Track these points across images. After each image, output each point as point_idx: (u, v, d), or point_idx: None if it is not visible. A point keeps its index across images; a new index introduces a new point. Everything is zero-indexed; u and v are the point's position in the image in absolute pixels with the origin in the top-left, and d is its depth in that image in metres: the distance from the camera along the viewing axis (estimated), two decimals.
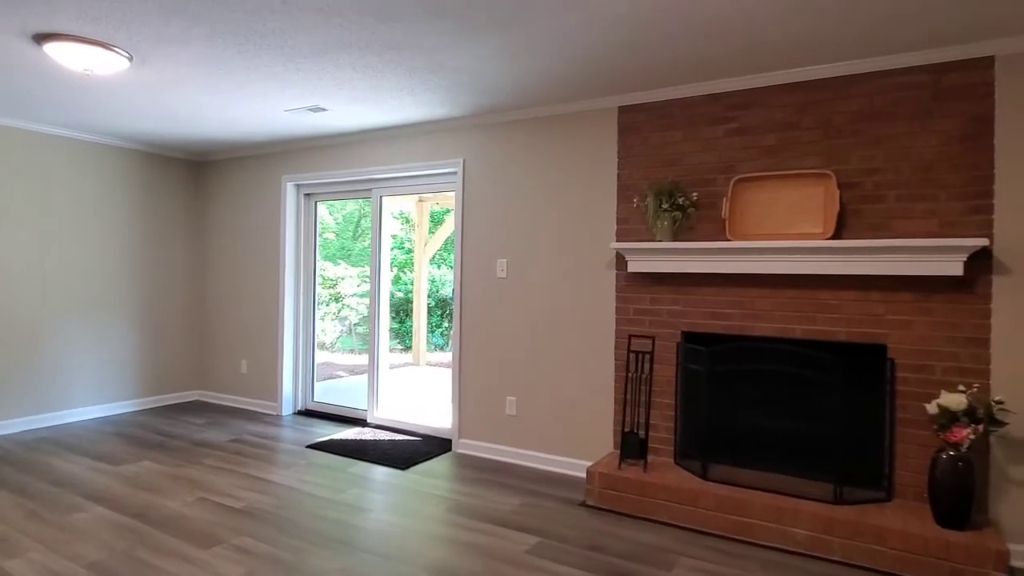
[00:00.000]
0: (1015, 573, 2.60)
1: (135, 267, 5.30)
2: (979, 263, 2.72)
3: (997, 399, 2.56)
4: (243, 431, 4.70)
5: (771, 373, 3.12)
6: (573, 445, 3.83)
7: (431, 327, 10.92)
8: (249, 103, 3.94)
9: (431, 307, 10.30)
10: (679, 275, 3.43)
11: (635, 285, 3.59)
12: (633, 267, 3.48)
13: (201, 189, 5.78)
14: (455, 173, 4.35)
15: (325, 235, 10.10)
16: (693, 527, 3.00)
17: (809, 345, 3.08)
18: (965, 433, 2.54)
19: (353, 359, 9.24)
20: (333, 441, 4.45)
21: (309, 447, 4.30)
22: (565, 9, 2.50)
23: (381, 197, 4.90)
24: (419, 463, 3.99)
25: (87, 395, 5.00)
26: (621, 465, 3.33)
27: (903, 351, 2.89)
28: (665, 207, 3.32)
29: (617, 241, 3.64)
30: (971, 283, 2.75)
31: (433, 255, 8.93)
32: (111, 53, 2.96)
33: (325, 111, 4.10)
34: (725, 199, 3.24)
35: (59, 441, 4.34)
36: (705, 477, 3.12)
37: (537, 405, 3.97)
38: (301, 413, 5.30)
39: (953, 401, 2.56)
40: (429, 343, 10.49)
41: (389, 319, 5.05)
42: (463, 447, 4.25)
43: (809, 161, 3.11)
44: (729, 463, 3.17)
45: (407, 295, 10.42)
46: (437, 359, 9.34)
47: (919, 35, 2.67)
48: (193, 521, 3.02)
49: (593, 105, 3.71)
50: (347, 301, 10.27)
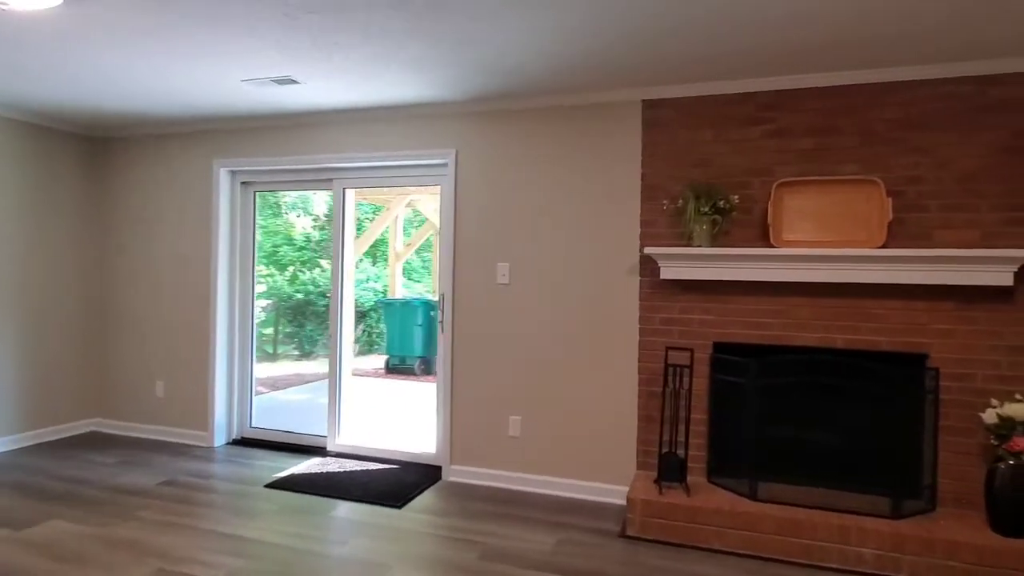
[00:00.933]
0: None
1: (11, 269, 4.18)
2: (1020, 273, 2.78)
3: None
4: (173, 470, 3.84)
5: (819, 385, 3.01)
6: (588, 467, 3.51)
7: (316, 330, 10.15)
8: (201, 67, 3.18)
9: (325, 310, 9.61)
10: (712, 282, 3.24)
11: (662, 293, 3.35)
12: (667, 274, 3.23)
13: (102, 172, 4.72)
14: (444, 165, 3.85)
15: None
16: (751, 553, 2.81)
17: (853, 355, 3.01)
18: None
19: (270, 369, 8.21)
20: (296, 477, 3.76)
21: (268, 487, 3.58)
22: None
23: (344, 190, 4.26)
24: (412, 498, 3.46)
25: None
26: (662, 490, 3.07)
27: (945, 360, 2.91)
28: (705, 210, 3.11)
29: (643, 245, 3.38)
30: (1012, 292, 2.82)
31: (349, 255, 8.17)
32: None
33: (296, 84, 3.43)
34: (769, 204, 3.09)
35: None
36: (755, 497, 2.95)
37: (545, 424, 3.60)
38: (237, 443, 4.48)
39: (1017, 410, 2.58)
40: (310, 345, 9.73)
41: (353, 328, 4.41)
42: (456, 474, 3.77)
43: (848, 168, 3.05)
44: (775, 480, 3.02)
45: (307, 296, 9.65)
46: (361, 368, 8.58)
47: (963, 46, 2.67)
48: None
49: (614, 97, 3.41)
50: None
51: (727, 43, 2.72)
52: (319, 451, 4.26)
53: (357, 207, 8.40)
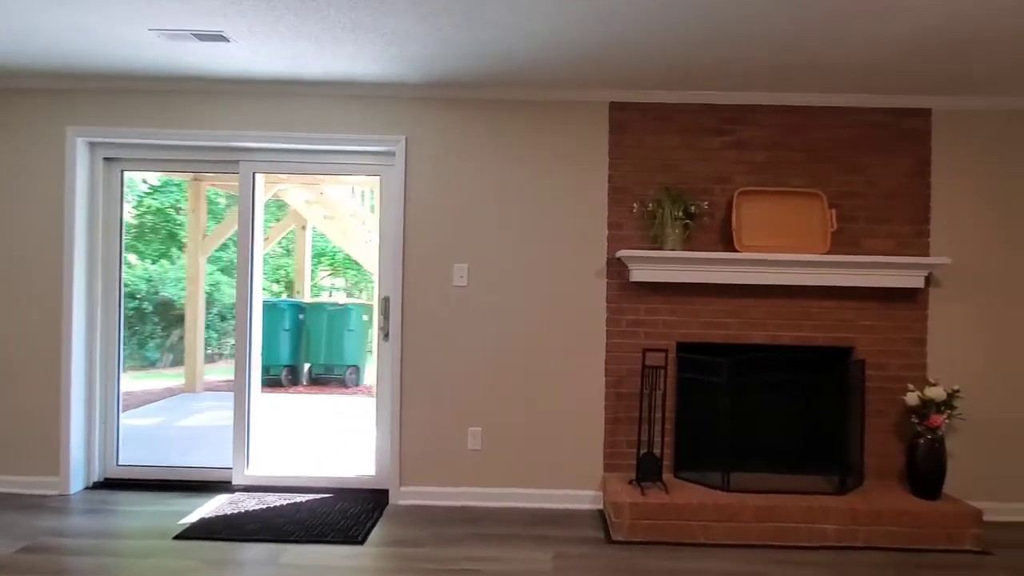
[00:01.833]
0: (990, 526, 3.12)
1: None
2: (927, 277, 3.31)
3: (955, 388, 3.15)
4: (31, 531, 2.91)
5: (776, 380, 3.27)
6: (555, 475, 3.41)
7: (144, 338, 8.81)
8: (96, 6, 2.44)
9: (135, 314, 8.31)
10: (677, 285, 3.34)
11: (629, 295, 3.37)
12: (636, 276, 3.26)
13: None
14: (391, 154, 3.45)
15: None
16: (736, 543, 2.95)
17: (798, 350, 3.33)
18: (941, 419, 3.06)
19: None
20: (210, 522, 3.09)
21: (179, 538, 2.89)
22: None
23: (254, 174, 3.60)
24: (367, 530, 3.05)
25: None
26: (643, 491, 3.09)
27: (868, 352, 3.34)
28: (678, 214, 3.19)
29: (610, 247, 3.36)
30: (918, 293, 3.34)
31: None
32: None
33: (224, 42, 2.80)
34: (732, 210, 3.27)
35: None
36: (728, 489, 3.11)
37: (508, 434, 3.42)
38: (101, 486, 3.56)
39: (936, 393, 3.06)
40: (137, 358, 8.46)
41: (260, 336, 3.75)
42: (407, 497, 3.40)
43: (796, 181, 3.35)
44: (741, 471, 3.20)
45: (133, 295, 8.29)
46: (211, 381, 7.43)
47: (883, 81, 3.10)
48: None
49: (583, 96, 3.35)
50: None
51: (689, 57, 2.86)
52: (221, 487, 3.55)
53: (206, 196, 7.26)
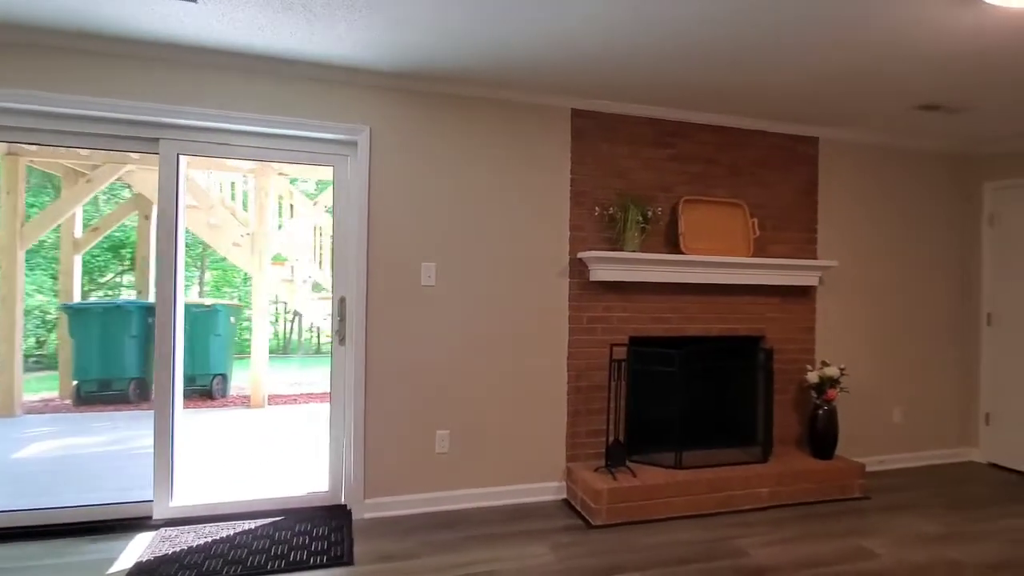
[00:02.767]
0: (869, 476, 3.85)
1: None
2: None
3: (842, 367, 3.86)
4: None
5: (711, 367, 3.70)
6: (523, 469, 3.47)
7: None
8: None
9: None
10: (631, 284, 3.61)
11: (588, 294, 3.56)
12: (596, 276, 3.46)
13: None
14: (352, 144, 3.21)
15: None
16: (695, 513, 3.30)
17: (724, 340, 3.82)
18: (835, 393, 3.75)
19: None
20: (151, 565, 2.62)
21: None
22: None
23: (179, 155, 3.10)
24: (348, 548, 2.84)
25: None
26: (615, 476, 3.30)
27: (774, 339, 3.95)
28: (638, 219, 3.47)
29: (572, 248, 3.52)
30: (809, 290, 4.02)
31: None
32: None
33: (188, 1, 2.40)
34: (679, 216, 3.63)
35: None
36: (681, 467, 3.46)
37: (477, 434, 3.40)
38: None
39: (831, 371, 3.73)
40: None
41: (183, 344, 3.22)
42: (374, 508, 3.21)
43: (720, 192, 3.83)
44: (687, 449, 3.57)
45: None
46: (29, 401, 6.08)
47: (786, 112, 3.70)
48: None
49: (548, 100, 3.46)
50: None
51: (638, 74, 3.11)
52: (137, 524, 3.02)
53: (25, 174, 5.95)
